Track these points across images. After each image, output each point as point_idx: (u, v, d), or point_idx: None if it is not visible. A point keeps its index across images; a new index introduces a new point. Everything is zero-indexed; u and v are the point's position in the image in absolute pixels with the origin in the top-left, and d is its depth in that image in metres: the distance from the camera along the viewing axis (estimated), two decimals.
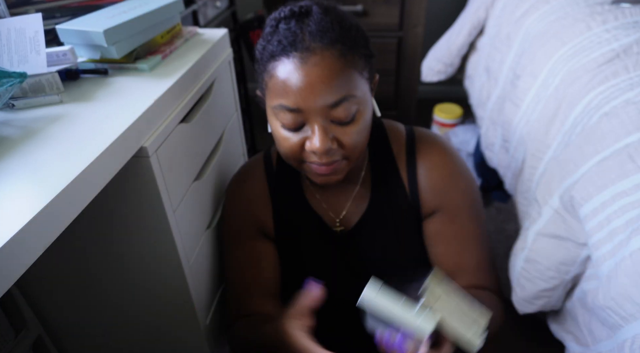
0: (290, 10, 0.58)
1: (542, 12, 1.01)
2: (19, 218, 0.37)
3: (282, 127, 0.60)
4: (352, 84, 0.57)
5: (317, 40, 0.55)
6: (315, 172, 0.62)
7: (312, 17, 0.57)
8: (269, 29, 0.59)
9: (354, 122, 0.59)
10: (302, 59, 0.55)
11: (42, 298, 0.77)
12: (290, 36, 0.56)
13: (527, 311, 0.71)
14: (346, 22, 0.58)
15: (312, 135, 0.58)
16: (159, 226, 0.64)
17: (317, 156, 0.59)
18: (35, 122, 0.54)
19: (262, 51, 0.59)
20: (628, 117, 0.61)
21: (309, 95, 0.55)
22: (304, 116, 0.57)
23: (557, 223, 0.65)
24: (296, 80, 0.55)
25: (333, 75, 0.55)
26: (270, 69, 0.57)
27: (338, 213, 0.74)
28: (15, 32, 0.61)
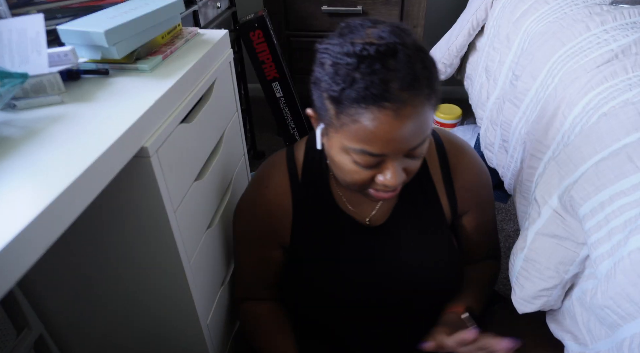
0: (376, 51, 0.52)
1: (541, 12, 1.02)
2: (21, 218, 0.37)
3: (354, 163, 0.59)
4: (431, 123, 0.57)
5: (407, 89, 0.52)
6: (377, 196, 0.63)
7: (399, 60, 0.52)
8: (346, 63, 0.53)
9: (422, 153, 0.60)
10: (394, 112, 0.52)
11: (43, 298, 0.78)
12: (380, 85, 0.51)
13: (526, 310, 0.71)
14: (427, 59, 0.55)
15: (386, 171, 0.58)
16: (160, 226, 0.64)
17: (387, 188, 0.60)
18: (37, 122, 0.54)
19: (338, 90, 0.54)
20: (627, 118, 0.61)
21: (398, 144, 0.55)
22: (384, 158, 0.57)
23: (557, 222, 0.65)
24: (386, 132, 0.53)
25: (422, 124, 0.55)
26: (353, 113, 0.54)
27: (367, 214, 0.75)
28: (17, 32, 0.61)
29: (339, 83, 0.54)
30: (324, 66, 0.57)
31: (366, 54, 0.52)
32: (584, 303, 0.60)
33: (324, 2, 1.81)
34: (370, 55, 0.52)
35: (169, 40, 0.79)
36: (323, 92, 0.57)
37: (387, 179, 0.58)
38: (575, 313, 0.63)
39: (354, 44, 0.53)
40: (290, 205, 0.75)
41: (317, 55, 0.60)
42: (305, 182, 0.75)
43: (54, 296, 0.77)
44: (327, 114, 0.58)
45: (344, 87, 0.53)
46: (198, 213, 0.76)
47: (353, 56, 0.53)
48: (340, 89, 0.54)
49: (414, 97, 0.53)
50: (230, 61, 0.91)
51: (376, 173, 0.60)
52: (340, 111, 0.55)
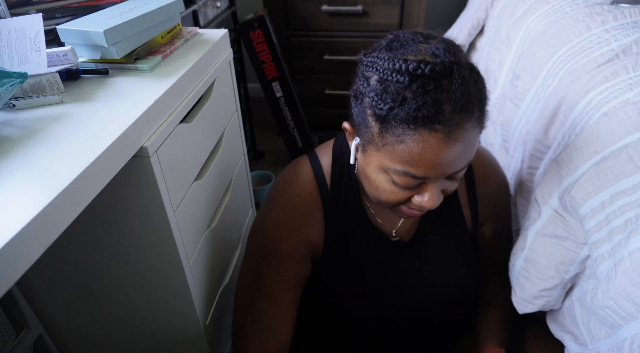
0: (432, 70, 0.49)
1: (542, 12, 1.02)
2: (20, 218, 0.37)
3: (393, 183, 0.56)
4: (476, 144, 0.55)
5: (460, 111, 0.50)
6: (407, 214, 0.61)
7: (454, 81, 0.50)
8: (397, 81, 0.50)
9: (462, 175, 0.58)
10: (445, 135, 0.50)
11: (42, 298, 0.77)
12: (433, 106, 0.49)
13: (526, 311, 0.71)
14: (480, 80, 0.54)
15: (425, 194, 0.56)
16: (159, 226, 0.64)
17: (422, 208, 0.59)
18: (36, 122, 0.54)
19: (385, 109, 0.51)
20: (627, 118, 0.61)
21: (444, 168, 0.53)
22: (426, 180, 0.55)
23: (557, 222, 0.65)
24: (434, 155, 0.51)
25: (470, 147, 0.53)
26: (400, 133, 0.51)
27: (393, 226, 0.74)
28: (16, 32, 0.61)
29: (387, 102, 0.51)
30: (370, 81, 0.54)
31: (420, 73, 0.49)
32: (585, 303, 0.60)
33: (323, 1, 1.81)
34: (425, 74, 0.49)
35: (168, 40, 0.79)
36: (367, 108, 0.54)
37: (424, 201, 0.56)
38: (575, 313, 0.63)
39: (407, 61, 0.50)
40: (321, 214, 0.71)
41: (361, 67, 0.57)
42: (335, 192, 0.71)
43: (53, 296, 0.77)
44: (368, 131, 0.55)
45: (392, 106, 0.50)
46: (198, 213, 0.76)
47: (405, 74, 0.50)
48: (388, 107, 0.51)
49: (466, 120, 0.51)
50: (230, 60, 0.91)
51: (414, 194, 0.57)
52: (386, 130, 0.52)
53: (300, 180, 0.72)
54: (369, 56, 0.56)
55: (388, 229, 0.74)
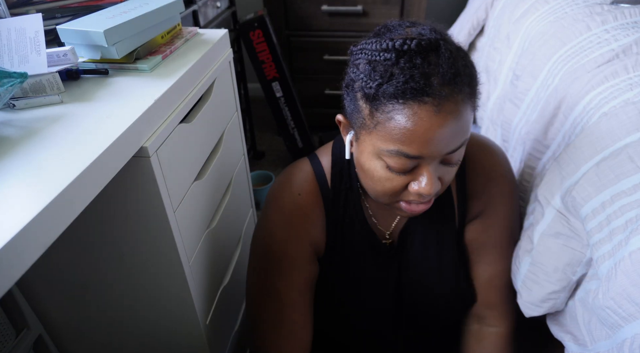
0: (418, 44, 0.49)
1: (542, 12, 1.02)
2: (20, 218, 0.37)
3: (387, 169, 0.55)
4: (470, 125, 0.54)
5: (449, 84, 0.49)
6: (406, 210, 0.59)
7: (442, 55, 0.50)
8: (385, 59, 0.51)
9: (459, 161, 0.57)
10: (435, 107, 0.49)
11: (42, 298, 0.77)
12: (421, 78, 0.49)
13: (533, 314, 0.70)
14: (468, 58, 0.53)
15: (421, 179, 0.54)
16: (159, 226, 0.64)
17: (420, 197, 0.56)
18: (36, 122, 0.54)
19: (374, 86, 0.51)
20: (627, 118, 0.61)
21: (437, 144, 0.51)
22: (420, 161, 0.53)
23: (561, 223, 0.65)
24: (426, 129, 0.49)
25: (462, 124, 0.51)
26: (390, 110, 0.50)
27: (388, 228, 0.72)
28: (16, 32, 0.61)
29: (376, 79, 0.51)
30: (359, 66, 0.54)
31: (406, 48, 0.49)
32: (587, 303, 0.60)
33: (323, 1, 1.81)
34: (411, 49, 0.49)
35: (168, 40, 0.79)
36: (357, 92, 0.54)
37: (421, 187, 0.54)
38: (576, 313, 0.63)
39: (393, 39, 0.51)
40: (323, 213, 0.70)
41: (351, 58, 0.57)
42: (335, 191, 0.70)
43: (53, 296, 0.77)
44: (359, 115, 0.55)
45: (380, 82, 0.50)
46: (198, 213, 0.76)
47: (392, 51, 0.50)
48: (376, 85, 0.51)
49: (456, 93, 0.50)
50: (230, 60, 0.91)
51: (409, 181, 0.56)
52: (376, 108, 0.52)
53: (301, 180, 0.71)
54: (357, 46, 0.57)
55: (382, 231, 0.73)
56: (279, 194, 0.71)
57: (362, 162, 0.58)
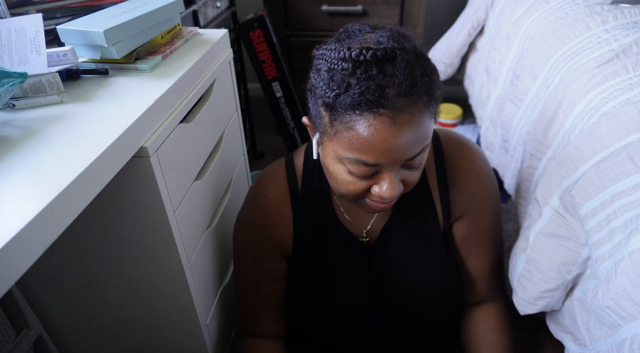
0: (373, 55, 0.50)
1: (542, 12, 1.02)
2: (20, 218, 0.37)
3: (348, 173, 0.56)
4: (430, 132, 0.54)
5: (405, 95, 0.50)
6: (373, 208, 0.60)
7: (397, 65, 0.50)
8: (342, 68, 0.51)
9: (421, 164, 0.58)
10: (390, 118, 0.50)
11: (42, 298, 0.77)
12: (376, 90, 0.49)
13: (528, 312, 0.71)
14: (428, 65, 0.53)
15: (382, 182, 0.55)
16: (159, 226, 0.64)
17: (383, 199, 0.57)
18: (36, 122, 0.54)
19: (336, 96, 0.52)
20: (627, 118, 0.61)
21: (394, 153, 0.52)
22: (380, 168, 0.55)
23: (558, 223, 0.65)
24: (382, 140, 0.51)
25: (420, 132, 0.52)
26: (347, 120, 0.51)
27: (365, 225, 0.73)
28: (16, 32, 0.61)
29: (334, 89, 0.52)
30: (320, 73, 0.55)
31: (362, 59, 0.50)
32: (585, 303, 0.60)
33: (323, 1, 1.81)
34: (367, 60, 0.50)
35: (168, 40, 0.79)
36: (318, 98, 0.55)
37: (382, 191, 0.55)
38: (575, 313, 0.63)
39: (350, 48, 0.52)
40: (290, 214, 0.72)
41: (314, 61, 0.58)
42: (305, 191, 0.72)
43: (53, 296, 0.77)
44: (321, 122, 0.56)
45: (338, 93, 0.51)
46: (198, 213, 0.76)
47: (349, 61, 0.51)
48: (334, 95, 0.52)
49: (412, 104, 0.50)
50: (230, 60, 0.91)
51: (372, 184, 0.57)
52: (335, 118, 0.53)
53: (271, 181, 0.74)
54: (319, 49, 0.58)
55: (359, 229, 0.73)
56: (249, 194, 0.76)
57: (327, 165, 0.60)
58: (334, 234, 0.72)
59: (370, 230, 0.73)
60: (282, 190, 0.73)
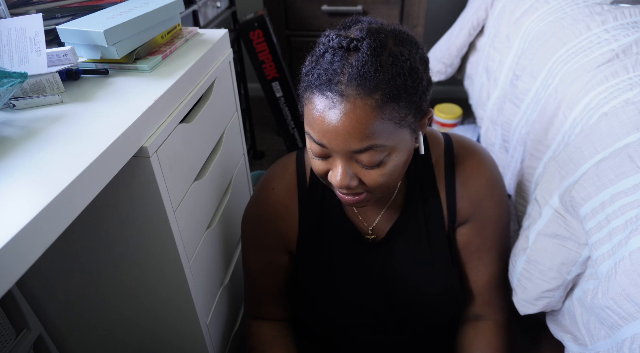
0: (339, 42, 0.53)
1: (542, 12, 1.02)
2: (20, 218, 0.37)
3: (310, 150, 0.59)
4: (384, 134, 0.53)
5: (354, 85, 0.51)
6: (342, 199, 0.62)
7: (359, 56, 0.51)
8: (318, 51, 0.56)
9: (380, 167, 0.57)
10: (333, 103, 0.52)
11: (42, 298, 0.77)
12: (331, 73, 0.52)
13: (528, 312, 0.71)
14: (397, 66, 0.52)
15: (333, 169, 0.58)
16: (159, 226, 0.64)
17: (339, 188, 0.59)
18: (36, 122, 0.54)
19: (307, 73, 0.56)
20: (627, 118, 0.61)
21: (334, 138, 0.54)
22: (331, 151, 0.56)
23: (558, 223, 0.65)
24: (323, 121, 0.53)
25: (361, 127, 0.52)
26: (307, 96, 0.55)
27: (371, 222, 0.73)
28: (16, 32, 0.61)
29: (306, 66, 0.56)
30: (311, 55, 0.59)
31: (331, 44, 0.54)
32: (585, 303, 0.60)
33: (324, 1, 1.81)
34: (334, 46, 0.54)
35: (168, 40, 0.79)
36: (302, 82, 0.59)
37: (333, 176, 0.58)
38: (575, 313, 0.63)
39: (329, 34, 0.55)
40: (296, 208, 0.74)
41: None
42: (313, 187, 0.73)
43: (53, 296, 0.77)
44: (301, 104, 0.59)
45: (308, 70, 0.56)
46: (198, 213, 0.76)
47: (324, 45, 0.55)
48: (305, 71, 0.56)
49: (359, 95, 0.51)
50: (230, 60, 0.91)
51: (330, 169, 0.59)
52: (303, 95, 0.57)
53: (280, 174, 0.75)
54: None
55: (365, 226, 0.73)
56: (259, 186, 0.77)
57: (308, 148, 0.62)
58: (340, 230, 0.73)
59: (375, 227, 0.73)
60: (290, 184, 0.74)
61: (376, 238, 0.73)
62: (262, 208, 0.75)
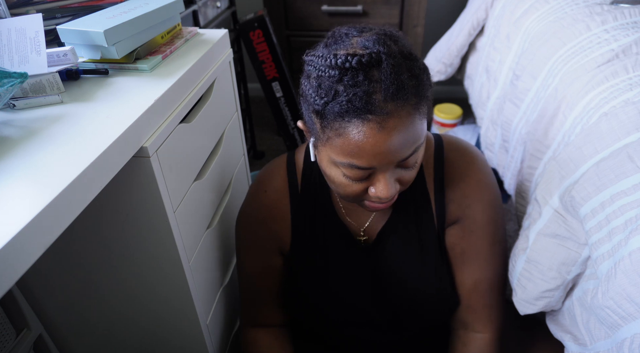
0: (358, 62, 0.50)
1: (542, 12, 1.02)
2: (20, 218, 0.37)
3: (344, 177, 0.57)
4: (422, 133, 0.55)
5: (392, 100, 0.50)
6: (373, 207, 0.61)
7: (383, 70, 0.50)
8: (329, 76, 0.51)
9: (416, 163, 0.58)
10: (378, 124, 0.50)
11: (42, 298, 0.77)
12: (363, 97, 0.50)
13: (528, 312, 0.71)
14: (416, 66, 0.53)
15: (377, 184, 0.56)
16: (159, 226, 0.64)
17: (380, 199, 0.58)
18: (36, 122, 0.54)
19: (321, 104, 0.52)
20: (627, 118, 0.61)
21: (386, 156, 0.53)
22: (374, 170, 0.55)
23: (558, 222, 0.65)
24: (372, 145, 0.51)
25: (410, 134, 0.52)
26: (337, 127, 0.52)
27: (362, 224, 0.73)
28: (16, 32, 0.61)
29: (322, 97, 0.52)
30: (310, 79, 0.55)
31: (348, 66, 0.50)
32: (585, 303, 0.60)
33: (324, 1, 1.81)
34: (353, 66, 0.50)
35: (168, 40, 0.79)
36: (309, 105, 0.55)
37: (379, 191, 0.56)
38: (575, 313, 0.63)
39: (336, 55, 0.52)
40: (288, 210, 0.74)
41: (305, 67, 0.58)
42: (305, 188, 0.73)
43: (53, 296, 0.77)
44: (314, 127, 0.56)
45: (327, 100, 0.52)
46: (198, 213, 0.76)
47: (335, 68, 0.51)
48: (323, 102, 0.52)
49: (400, 108, 0.51)
50: (230, 60, 0.91)
51: (368, 185, 0.57)
52: (325, 125, 0.53)
53: (271, 177, 0.75)
54: (309, 55, 0.58)
55: (357, 227, 0.73)
56: (251, 188, 0.78)
57: (323, 168, 0.60)
58: (333, 231, 0.73)
59: (367, 228, 0.73)
60: (281, 186, 0.74)
61: (368, 240, 0.73)
62: (255, 209, 0.75)
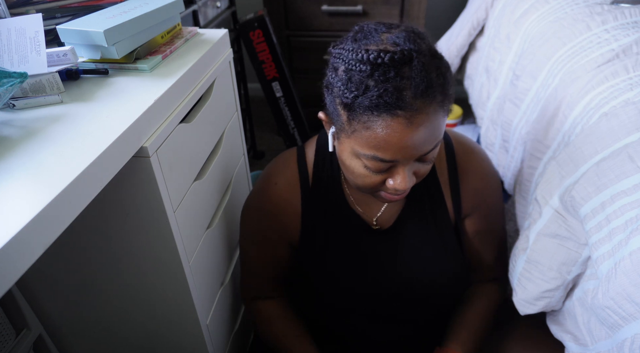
0: (391, 58, 0.51)
1: (542, 12, 1.02)
2: (20, 218, 0.37)
3: (364, 168, 0.59)
4: (443, 128, 0.57)
5: (421, 97, 0.52)
6: (388, 198, 0.63)
7: (414, 68, 0.52)
8: (360, 70, 0.53)
9: (433, 157, 0.60)
10: (407, 120, 0.52)
11: (42, 298, 0.77)
12: (394, 93, 0.51)
13: (528, 312, 0.71)
14: (442, 65, 0.55)
15: (396, 176, 0.58)
16: (159, 226, 0.64)
17: (397, 191, 0.60)
18: (36, 122, 0.54)
19: (350, 97, 0.54)
20: (627, 118, 0.61)
21: (410, 150, 0.55)
22: (395, 163, 0.57)
23: (558, 223, 0.65)
24: (399, 139, 0.53)
25: (434, 130, 0.55)
26: (365, 120, 0.54)
27: (374, 214, 0.75)
28: (16, 32, 0.61)
29: (352, 90, 0.54)
30: (337, 72, 0.57)
31: (380, 61, 0.52)
32: (585, 303, 0.60)
33: (323, 1, 1.81)
34: (385, 63, 0.52)
35: (168, 40, 0.79)
36: (336, 97, 0.57)
37: (397, 183, 0.58)
38: (575, 313, 0.63)
39: (368, 51, 0.53)
40: (299, 203, 0.75)
41: (330, 59, 0.59)
42: (316, 181, 0.74)
43: (53, 296, 0.77)
44: (339, 119, 0.58)
45: (356, 94, 0.53)
46: (198, 213, 0.76)
47: (367, 63, 0.52)
48: (353, 96, 0.54)
49: (428, 105, 0.53)
50: (230, 60, 0.91)
51: (386, 177, 0.60)
52: (353, 117, 0.55)
53: (282, 170, 0.77)
54: (336, 48, 0.59)
55: (369, 217, 0.75)
56: (259, 180, 0.79)
57: (343, 159, 0.62)
58: (345, 222, 0.74)
59: (380, 218, 0.75)
60: (292, 180, 0.75)
61: (381, 229, 0.75)
62: (264, 201, 0.76)
